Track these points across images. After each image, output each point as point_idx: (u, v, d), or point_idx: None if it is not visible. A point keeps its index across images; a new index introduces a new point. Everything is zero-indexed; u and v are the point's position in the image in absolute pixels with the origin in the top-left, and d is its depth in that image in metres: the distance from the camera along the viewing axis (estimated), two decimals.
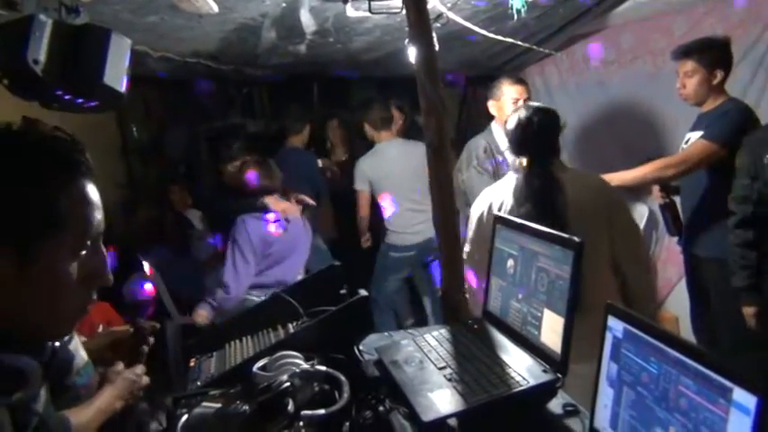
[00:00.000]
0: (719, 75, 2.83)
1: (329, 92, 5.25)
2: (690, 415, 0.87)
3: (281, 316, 2.04)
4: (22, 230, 0.77)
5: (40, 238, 0.78)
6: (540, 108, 2.22)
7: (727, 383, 0.81)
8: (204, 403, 1.57)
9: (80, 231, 0.82)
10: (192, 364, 1.95)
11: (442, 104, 1.90)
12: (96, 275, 0.86)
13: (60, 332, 0.87)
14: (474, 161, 3.38)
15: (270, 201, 3.51)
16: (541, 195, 2.06)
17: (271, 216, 3.45)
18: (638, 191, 3.63)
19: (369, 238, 4.28)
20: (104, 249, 0.87)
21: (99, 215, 0.85)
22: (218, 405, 1.57)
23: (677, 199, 3.16)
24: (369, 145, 4.23)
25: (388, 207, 4.11)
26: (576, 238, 1.29)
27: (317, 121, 4.80)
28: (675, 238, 3.30)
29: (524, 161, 2.15)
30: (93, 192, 0.84)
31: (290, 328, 1.97)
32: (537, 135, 2.15)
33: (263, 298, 3.43)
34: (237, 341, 2.00)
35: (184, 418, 1.51)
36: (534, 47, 3.54)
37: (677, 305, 3.69)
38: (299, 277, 3.57)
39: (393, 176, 4.02)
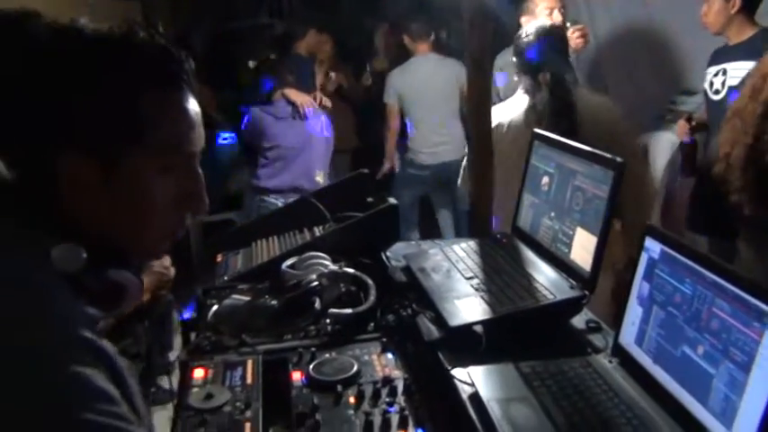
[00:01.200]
0: (738, 2, 2.69)
1: None
2: (721, 336, 0.88)
3: (307, 219, 2.05)
4: (102, 138, 0.73)
5: (121, 148, 0.74)
6: (553, 24, 2.20)
7: (765, 307, 0.82)
8: (233, 296, 1.62)
9: (170, 146, 0.77)
10: (218, 259, 1.99)
11: (485, 16, 1.84)
12: (191, 197, 0.81)
13: (146, 251, 0.84)
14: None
15: (288, 92, 3.51)
16: (562, 110, 2.07)
17: (277, 107, 3.47)
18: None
19: (393, 164, 4.24)
20: (201, 172, 0.82)
21: (195, 132, 0.80)
22: (247, 298, 1.62)
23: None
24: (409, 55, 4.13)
25: (413, 124, 4.07)
26: (618, 159, 1.27)
27: (351, 28, 4.67)
28: None
29: (547, 76, 2.11)
30: (188, 107, 0.79)
31: (317, 231, 1.99)
32: (558, 43, 2.13)
33: (280, 203, 3.52)
34: (264, 241, 2.03)
35: (215, 308, 1.57)
36: None
37: None
38: (320, 181, 3.62)
39: (422, 93, 3.94)
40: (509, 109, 2.29)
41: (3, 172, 0.74)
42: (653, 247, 1.07)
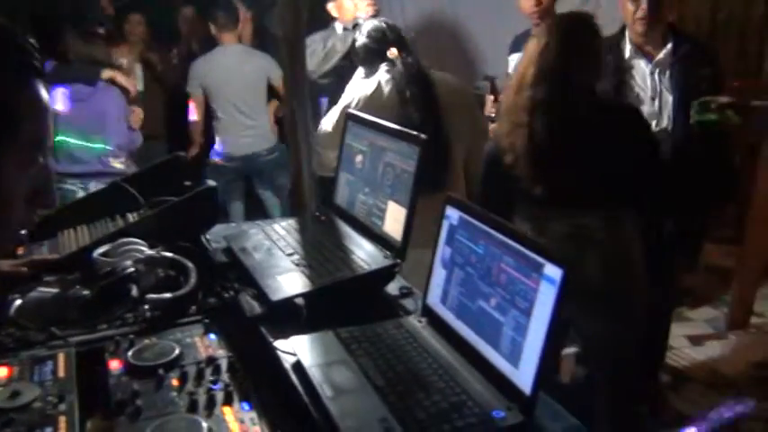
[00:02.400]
0: None
1: None
2: (508, 288, 1.01)
3: (119, 206, 1.96)
4: None
5: None
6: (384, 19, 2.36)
7: (540, 259, 0.95)
8: (39, 288, 1.52)
9: (36, 142, 0.74)
10: (19, 252, 1.83)
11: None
12: (41, 193, 0.78)
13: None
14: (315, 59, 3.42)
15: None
16: (421, 78, 2.21)
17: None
18: None
19: (198, 147, 4.15)
20: (50, 165, 0.77)
21: (49, 123, 0.75)
22: (56, 290, 1.52)
23: None
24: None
25: (217, 114, 4.02)
26: (422, 135, 1.38)
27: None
28: None
29: (394, 51, 2.23)
30: (46, 98, 0.74)
31: (130, 218, 1.91)
32: (397, 31, 2.27)
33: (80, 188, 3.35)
34: (71, 230, 1.90)
35: (17, 302, 1.45)
36: None
37: None
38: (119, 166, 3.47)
39: (226, 84, 3.91)
40: (355, 90, 2.36)
41: None
42: (453, 214, 1.19)
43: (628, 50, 2.52)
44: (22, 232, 0.79)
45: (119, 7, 4.35)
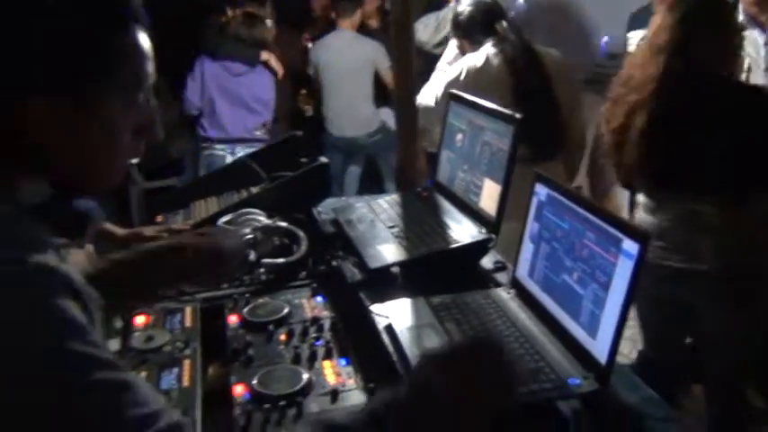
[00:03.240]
0: None
1: None
2: (589, 262, 1.05)
3: (244, 180, 2.14)
4: (77, 77, 0.75)
5: (96, 86, 0.76)
6: None
7: (619, 234, 0.98)
8: None
9: (135, 82, 0.81)
10: (158, 220, 2.06)
11: None
12: (146, 128, 0.85)
13: (111, 182, 0.86)
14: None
15: None
16: (530, 52, 2.26)
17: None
18: None
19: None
20: (155, 103, 0.85)
21: (152, 67, 0.82)
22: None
23: None
24: None
25: (324, 96, 4.22)
26: (516, 115, 1.42)
27: None
28: None
29: (504, 24, 2.31)
30: (146, 42, 0.81)
31: (253, 191, 2.08)
32: (500, 6, 2.31)
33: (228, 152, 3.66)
34: (202, 201, 2.10)
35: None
36: None
37: None
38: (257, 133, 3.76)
39: (332, 68, 4.09)
40: (460, 65, 2.43)
41: None
42: (541, 191, 1.22)
43: (740, 20, 2.38)
44: (133, 162, 0.88)
45: None
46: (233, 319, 1.41)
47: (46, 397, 0.62)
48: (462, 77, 2.33)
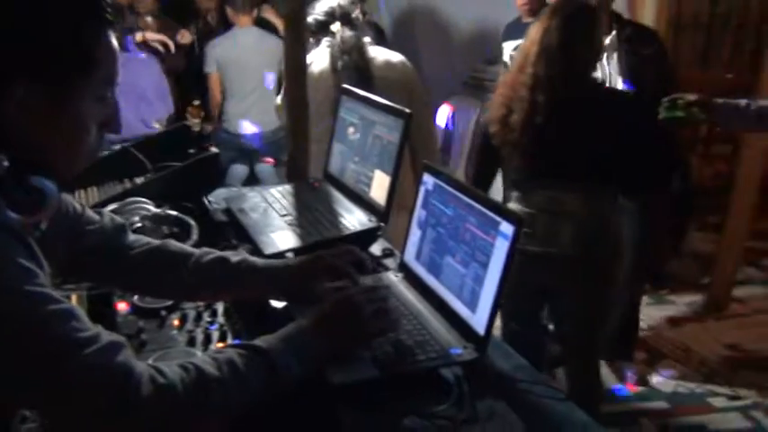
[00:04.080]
0: None
1: None
2: (471, 244, 1.15)
3: (127, 170, 2.09)
4: (58, 71, 0.84)
5: (74, 80, 0.86)
6: None
7: (497, 218, 1.09)
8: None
9: (106, 79, 0.90)
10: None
11: None
12: (109, 122, 0.94)
13: (74, 168, 0.94)
14: None
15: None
16: (357, 51, 2.33)
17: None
18: None
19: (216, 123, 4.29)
20: (115, 99, 0.94)
21: (118, 65, 0.91)
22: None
23: None
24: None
25: (228, 93, 4.17)
26: (407, 110, 1.51)
27: None
28: None
29: (337, 24, 2.39)
30: (115, 42, 0.90)
31: (137, 181, 2.04)
32: (345, 8, 2.41)
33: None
34: (82, 191, 2.04)
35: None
36: None
37: None
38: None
39: (242, 65, 4.05)
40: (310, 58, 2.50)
41: None
42: (428, 180, 1.32)
43: None
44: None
45: None
46: (122, 307, 1.40)
47: (9, 327, 0.76)
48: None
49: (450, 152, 4.22)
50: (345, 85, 1.84)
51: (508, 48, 3.37)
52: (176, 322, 1.36)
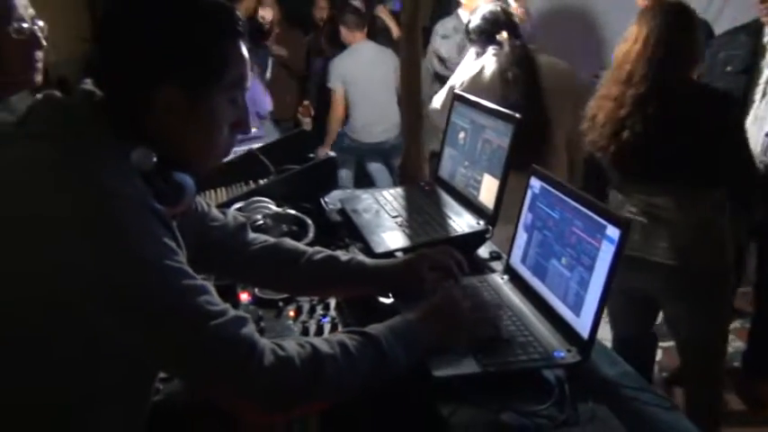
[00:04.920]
0: None
1: None
2: (576, 247, 1.15)
3: (252, 172, 2.24)
4: (197, 76, 0.97)
5: (209, 84, 0.98)
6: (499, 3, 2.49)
7: (603, 221, 1.08)
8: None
9: (237, 83, 1.02)
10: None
11: None
12: (240, 123, 1.05)
13: (209, 164, 1.07)
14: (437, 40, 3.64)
15: None
16: (526, 60, 2.32)
17: None
18: None
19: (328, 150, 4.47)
20: (245, 102, 1.06)
21: (248, 72, 1.03)
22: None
23: None
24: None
25: (353, 107, 4.34)
26: (516, 115, 1.52)
27: None
28: None
29: (504, 34, 2.38)
30: (245, 51, 1.02)
31: (261, 182, 2.18)
32: (510, 16, 2.43)
33: None
34: (212, 191, 2.20)
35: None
36: None
37: None
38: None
39: (364, 79, 4.23)
40: (463, 71, 2.54)
41: (97, 93, 0.97)
42: (535, 184, 1.33)
43: (766, 34, 2.52)
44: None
45: None
46: (244, 297, 1.52)
47: (151, 296, 0.88)
48: (459, 84, 2.45)
49: None
50: (457, 92, 1.87)
51: None
52: (292, 313, 1.45)
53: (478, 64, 2.43)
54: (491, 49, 2.41)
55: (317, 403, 1.00)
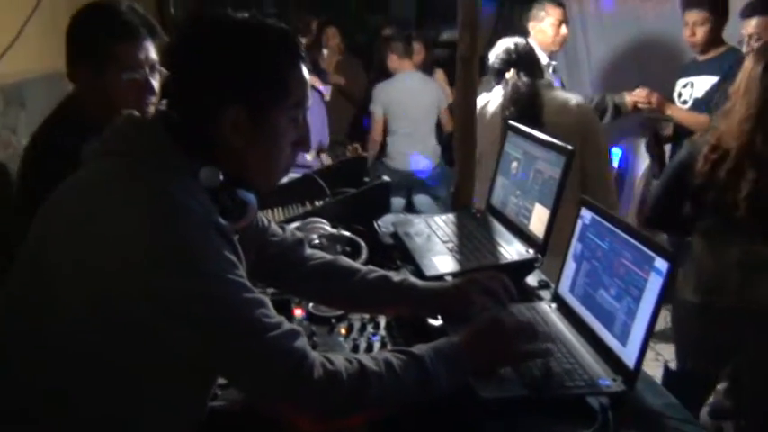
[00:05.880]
0: (725, 22, 2.99)
1: None
2: (625, 278, 1.17)
3: (308, 194, 2.33)
4: (262, 96, 1.03)
5: (272, 105, 1.05)
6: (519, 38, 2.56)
7: (651, 253, 1.11)
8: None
9: (299, 104, 1.08)
10: None
11: (477, 18, 2.11)
12: (302, 142, 1.12)
13: (271, 184, 1.14)
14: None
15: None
16: (526, 99, 2.36)
17: None
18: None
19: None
20: (307, 121, 1.12)
21: (309, 93, 1.10)
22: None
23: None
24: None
25: (391, 134, 4.43)
26: (569, 147, 1.56)
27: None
28: None
29: (512, 72, 2.43)
30: (306, 73, 1.09)
31: (317, 204, 2.27)
32: (525, 52, 2.44)
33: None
34: (269, 211, 2.29)
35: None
36: None
37: None
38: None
39: (406, 108, 4.31)
40: (487, 97, 2.60)
41: (172, 115, 1.05)
42: (586, 215, 1.36)
43: None
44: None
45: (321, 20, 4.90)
46: (298, 312, 1.58)
47: (214, 306, 0.93)
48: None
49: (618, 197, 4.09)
50: (511, 122, 1.91)
51: (678, 85, 3.24)
52: (343, 330, 1.50)
53: (484, 99, 2.48)
54: (499, 86, 2.46)
55: (361, 416, 1.04)
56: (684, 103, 3.18)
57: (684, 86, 3.17)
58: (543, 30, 3.40)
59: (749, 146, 1.87)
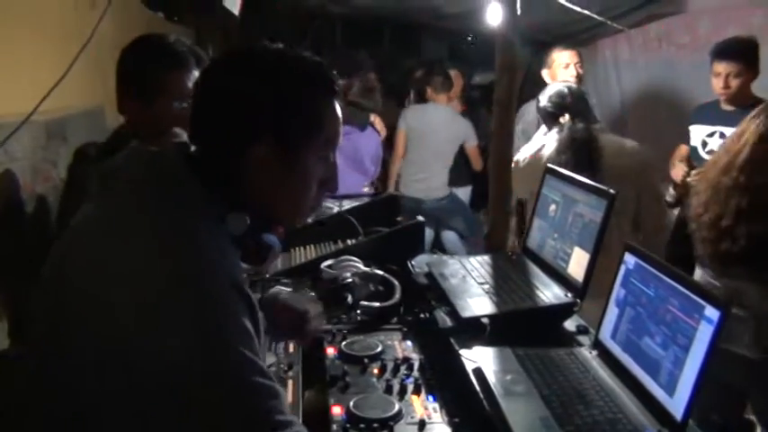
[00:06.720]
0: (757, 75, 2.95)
1: (401, 38, 5.46)
2: (672, 326, 1.13)
3: (341, 232, 2.33)
4: (292, 132, 0.97)
5: (302, 141, 0.99)
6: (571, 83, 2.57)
7: (701, 302, 1.07)
8: (277, 286, 1.89)
9: (329, 140, 1.03)
10: None
11: (516, 63, 2.13)
12: (330, 180, 1.06)
13: (297, 221, 1.09)
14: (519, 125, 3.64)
15: None
16: (582, 145, 2.33)
17: None
18: None
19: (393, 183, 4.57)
20: (335, 161, 1.06)
21: (341, 130, 1.05)
22: (289, 290, 1.88)
23: None
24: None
25: (408, 158, 4.47)
26: (611, 190, 1.53)
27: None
28: None
29: (566, 117, 2.41)
30: (339, 110, 1.03)
31: (349, 243, 2.26)
32: (578, 97, 2.43)
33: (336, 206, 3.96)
34: (301, 248, 2.29)
35: (259, 295, 1.83)
36: (609, 21, 3.67)
37: None
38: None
39: (427, 136, 4.37)
40: (528, 147, 2.59)
41: (190, 145, 1.00)
42: (630, 260, 1.33)
43: None
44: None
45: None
46: (331, 351, 1.56)
47: (221, 380, 0.81)
48: (522, 159, 2.52)
49: None
50: (550, 165, 1.90)
51: (696, 132, 3.17)
52: (376, 371, 1.47)
53: (539, 143, 2.47)
54: (554, 131, 2.45)
55: None
56: (710, 153, 3.12)
57: (710, 135, 3.11)
58: (554, 75, 3.44)
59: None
